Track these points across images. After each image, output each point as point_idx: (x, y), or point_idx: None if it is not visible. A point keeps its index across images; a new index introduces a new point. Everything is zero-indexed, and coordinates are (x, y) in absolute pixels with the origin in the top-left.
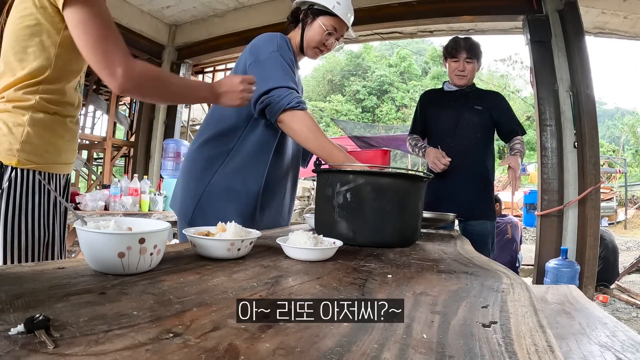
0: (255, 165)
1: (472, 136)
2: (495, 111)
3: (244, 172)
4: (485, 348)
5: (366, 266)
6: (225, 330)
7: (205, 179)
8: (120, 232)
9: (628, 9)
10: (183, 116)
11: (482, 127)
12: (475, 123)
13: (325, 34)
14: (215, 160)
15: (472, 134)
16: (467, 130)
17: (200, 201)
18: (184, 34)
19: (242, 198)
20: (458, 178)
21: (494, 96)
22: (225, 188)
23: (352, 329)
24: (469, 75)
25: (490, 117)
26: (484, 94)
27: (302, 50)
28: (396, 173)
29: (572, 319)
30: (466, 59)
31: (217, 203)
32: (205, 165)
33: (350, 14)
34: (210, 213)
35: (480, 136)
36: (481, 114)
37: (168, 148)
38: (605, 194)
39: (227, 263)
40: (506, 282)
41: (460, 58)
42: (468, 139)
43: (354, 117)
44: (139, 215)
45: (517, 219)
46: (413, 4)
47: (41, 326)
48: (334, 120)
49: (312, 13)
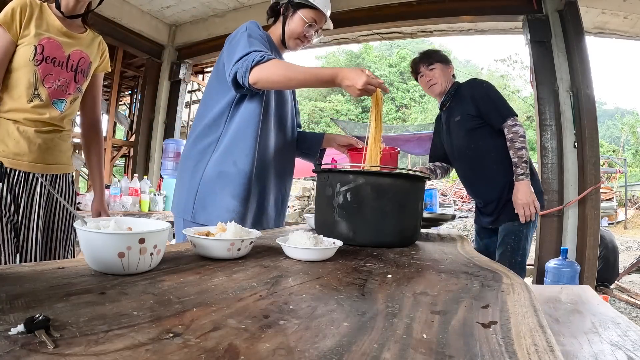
0: (243, 144)
1: (469, 151)
2: (472, 108)
3: (233, 154)
4: (485, 348)
5: (366, 266)
6: (225, 330)
7: (199, 170)
8: (120, 232)
9: (628, 9)
10: (183, 116)
11: (472, 135)
12: (463, 136)
13: (306, 25)
14: (206, 150)
15: (468, 148)
16: (462, 148)
17: (198, 193)
18: (184, 34)
19: (236, 179)
20: (481, 195)
21: (466, 90)
22: (218, 173)
23: (352, 329)
24: (438, 80)
25: (472, 118)
26: (459, 94)
27: (284, 43)
28: (396, 173)
29: (585, 318)
30: (428, 67)
31: (213, 191)
32: (198, 158)
33: (328, 7)
34: (209, 203)
35: (476, 143)
36: (462, 123)
37: (168, 148)
38: (605, 194)
39: (227, 263)
40: (506, 282)
41: (422, 71)
42: (468, 156)
43: (354, 117)
44: (139, 215)
45: None
46: (413, 4)
47: (41, 326)
48: (334, 120)
49: (293, 6)
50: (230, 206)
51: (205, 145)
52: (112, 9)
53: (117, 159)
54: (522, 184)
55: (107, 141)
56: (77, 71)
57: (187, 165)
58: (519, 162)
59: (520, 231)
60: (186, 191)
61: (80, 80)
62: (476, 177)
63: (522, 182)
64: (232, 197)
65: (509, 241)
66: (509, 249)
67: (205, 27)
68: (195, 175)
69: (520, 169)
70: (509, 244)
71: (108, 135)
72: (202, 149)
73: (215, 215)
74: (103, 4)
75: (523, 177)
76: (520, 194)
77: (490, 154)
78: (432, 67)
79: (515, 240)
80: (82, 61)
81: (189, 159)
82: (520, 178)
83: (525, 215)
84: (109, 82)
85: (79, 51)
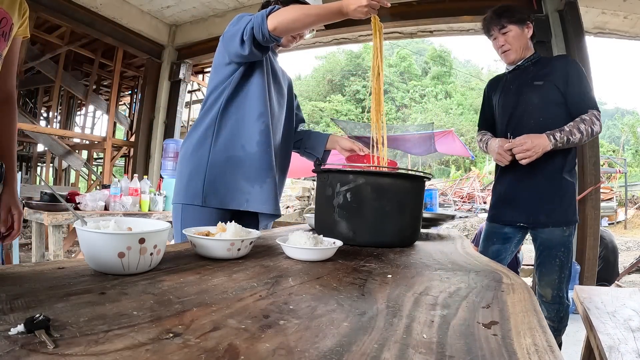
0: (250, 128)
1: (534, 121)
2: (561, 81)
3: (241, 138)
4: (486, 348)
5: (366, 266)
6: (225, 330)
7: (203, 157)
8: (120, 232)
9: (628, 9)
10: (183, 116)
11: (547, 106)
12: (536, 104)
13: None
14: (205, 135)
15: (534, 118)
16: (527, 115)
17: (207, 177)
18: (184, 34)
19: (246, 162)
20: (521, 177)
21: (560, 63)
22: (227, 158)
23: (352, 329)
24: (513, 46)
25: (557, 91)
26: (549, 62)
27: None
28: (396, 173)
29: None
30: (500, 30)
31: (224, 174)
32: (198, 144)
33: (319, 3)
34: (220, 185)
35: (547, 118)
36: (543, 90)
37: (168, 148)
38: (605, 194)
39: (227, 263)
40: (506, 282)
41: (494, 33)
42: (529, 126)
43: (354, 117)
44: (139, 215)
45: None
46: (413, 4)
47: (41, 326)
48: (334, 120)
49: (284, 3)
50: (244, 188)
51: (203, 130)
52: (112, 9)
53: (117, 159)
54: (546, 140)
55: (107, 141)
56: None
57: (186, 155)
58: (566, 133)
59: (569, 241)
60: (193, 178)
61: (1, 45)
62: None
63: (547, 141)
64: (245, 180)
65: (558, 254)
66: (557, 262)
67: (205, 27)
68: (200, 162)
69: (561, 134)
70: (559, 257)
71: (108, 135)
72: (201, 134)
73: (230, 197)
74: (103, 3)
75: (553, 140)
76: (536, 140)
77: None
78: (506, 31)
79: (565, 252)
80: (4, 22)
81: (187, 149)
82: (550, 137)
83: (519, 154)
84: (109, 82)
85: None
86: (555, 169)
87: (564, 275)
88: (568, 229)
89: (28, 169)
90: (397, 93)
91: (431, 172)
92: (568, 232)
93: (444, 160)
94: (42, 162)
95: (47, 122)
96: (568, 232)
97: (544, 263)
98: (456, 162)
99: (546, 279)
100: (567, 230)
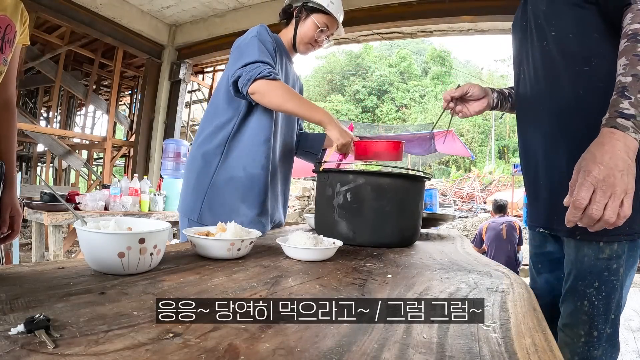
0: (254, 150)
1: (560, 59)
2: None
3: (243, 159)
4: (485, 348)
5: (366, 266)
6: (225, 330)
7: (207, 174)
8: (120, 232)
9: None
10: (183, 116)
11: (578, 23)
12: (563, 27)
13: (318, 30)
14: (214, 153)
15: (560, 53)
16: (536, 49)
17: (207, 195)
18: (184, 34)
19: (246, 184)
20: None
21: None
22: (228, 179)
23: (352, 329)
24: None
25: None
26: None
27: (295, 47)
28: (396, 173)
29: None
30: None
31: (222, 194)
32: (207, 159)
33: (341, 13)
34: (217, 205)
35: (584, 47)
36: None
37: (168, 148)
38: None
39: (227, 263)
40: (506, 282)
41: None
42: (542, 66)
43: (354, 117)
44: (139, 215)
45: (517, 219)
46: (413, 4)
47: (41, 326)
48: None
49: (307, 10)
50: (240, 210)
51: (212, 147)
52: (112, 9)
53: (117, 159)
54: (612, 138)
55: (107, 141)
56: (5, 40)
57: (193, 165)
58: (630, 87)
59: (609, 265)
60: (194, 193)
61: (6, 51)
62: (560, 117)
63: (614, 135)
64: (242, 201)
65: (588, 283)
66: (587, 295)
67: (205, 27)
68: (204, 179)
69: (625, 104)
70: (586, 286)
71: (108, 135)
72: (209, 151)
73: (223, 218)
74: (103, 3)
75: (624, 124)
76: (592, 158)
77: (592, 77)
78: None
79: (601, 280)
80: (9, 29)
81: (195, 159)
82: (613, 123)
83: (571, 219)
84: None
85: (4, 17)
86: None
87: (605, 319)
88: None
89: (28, 169)
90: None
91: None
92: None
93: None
94: (42, 162)
95: (47, 122)
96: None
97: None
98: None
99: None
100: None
